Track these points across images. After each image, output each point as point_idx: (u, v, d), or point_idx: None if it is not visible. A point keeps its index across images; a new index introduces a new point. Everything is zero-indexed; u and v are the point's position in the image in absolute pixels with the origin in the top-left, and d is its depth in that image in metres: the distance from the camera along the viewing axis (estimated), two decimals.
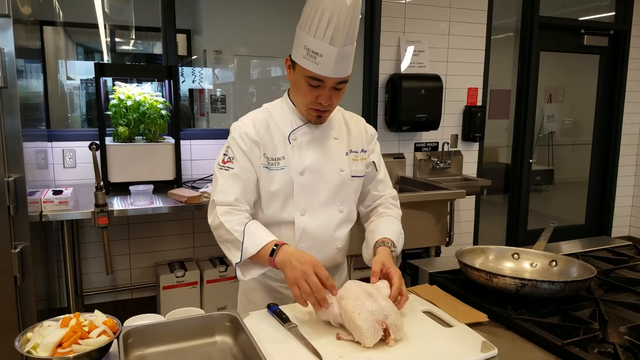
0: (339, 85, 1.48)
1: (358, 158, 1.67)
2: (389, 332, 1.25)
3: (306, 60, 1.42)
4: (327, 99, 1.48)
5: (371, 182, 1.74)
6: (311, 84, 1.46)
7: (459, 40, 4.23)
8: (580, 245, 2.20)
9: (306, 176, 1.57)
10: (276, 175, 1.55)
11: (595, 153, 5.36)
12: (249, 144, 1.54)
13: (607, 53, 5.13)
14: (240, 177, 1.53)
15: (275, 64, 5.67)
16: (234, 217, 1.49)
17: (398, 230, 1.66)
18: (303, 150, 1.58)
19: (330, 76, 1.42)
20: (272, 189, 1.56)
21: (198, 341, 1.25)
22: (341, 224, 1.65)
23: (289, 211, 1.57)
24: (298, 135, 1.58)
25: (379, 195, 1.76)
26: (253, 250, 1.42)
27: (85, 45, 5.56)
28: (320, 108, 1.51)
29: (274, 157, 1.56)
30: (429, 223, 3.40)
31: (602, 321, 1.40)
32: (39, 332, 1.13)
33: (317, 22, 1.37)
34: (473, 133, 4.35)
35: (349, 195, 1.66)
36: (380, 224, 1.67)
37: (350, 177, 1.64)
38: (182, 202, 2.82)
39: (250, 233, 1.45)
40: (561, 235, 2.23)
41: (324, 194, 1.60)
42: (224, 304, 3.39)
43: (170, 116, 3.22)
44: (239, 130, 1.57)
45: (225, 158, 1.56)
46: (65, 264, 2.80)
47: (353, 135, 1.68)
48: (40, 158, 2.86)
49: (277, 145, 1.57)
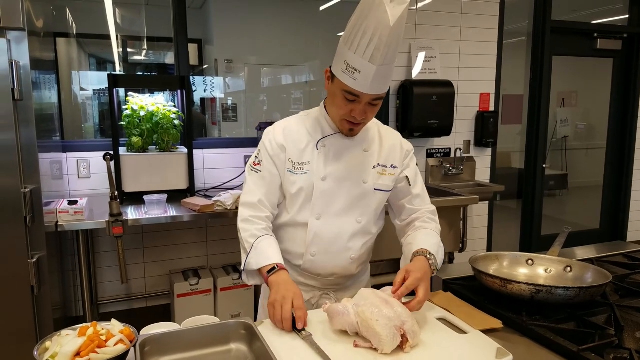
0: (375, 102, 1.50)
1: (386, 173, 1.67)
2: (407, 338, 1.25)
3: (345, 75, 1.44)
4: (362, 113, 1.50)
5: (405, 197, 1.73)
6: (347, 98, 1.48)
7: (470, 45, 4.23)
8: (595, 250, 2.18)
9: (327, 183, 1.60)
10: (299, 179, 1.61)
11: (610, 157, 5.30)
12: (276, 149, 1.62)
13: (620, 56, 5.09)
14: (266, 180, 1.63)
15: (286, 72, 5.71)
16: (250, 227, 1.59)
17: (437, 243, 1.64)
18: (329, 158, 1.62)
19: (366, 92, 1.44)
20: (293, 191, 1.61)
21: (213, 349, 1.26)
22: (357, 234, 1.66)
23: (305, 214, 1.62)
24: (327, 142, 1.63)
25: (415, 209, 1.74)
26: (255, 266, 1.54)
27: (97, 56, 5.64)
28: (354, 121, 1.54)
29: (300, 162, 1.62)
30: (442, 229, 3.33)
31: (618, 327, 1.39)
32: (57, 341, 1.15)
33: (360, 39, 1.39)
34: (486, 139, 4.33)
35: (369, 207, 1.67)
36: (417, 237, 1.65)
37: (372, 190, 1.65)
38: (195, 210, 2.84)
39: (256, 249, 1.55)
40: (576, 240, 2.21)
41: (342, 202, 1.62)
42: (237, 312, 3.40)
43: (183, 126, 3.25)
44: (269, 135, 1.65)
45: (256, 160, 1.66)
46: (81, 273, 2.83)
47: (385, 149, 1.69)
48: (55, 169, 2.90)
49: (305, 151, 1.62)
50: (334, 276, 1.68)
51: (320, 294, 1.72)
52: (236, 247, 3.68)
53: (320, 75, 5.49)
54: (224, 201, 2.90)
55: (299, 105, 5.69)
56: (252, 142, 3.66)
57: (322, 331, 1.37)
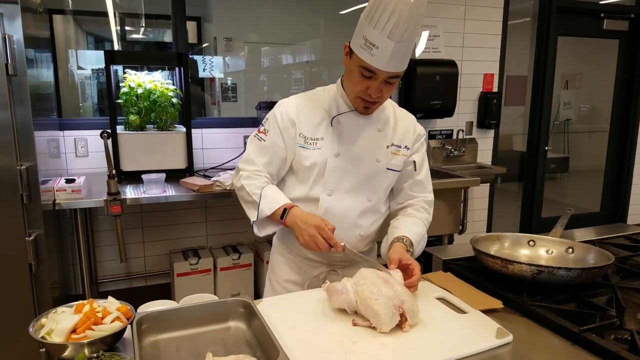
0: (391, 80, 1.49)
1: (399, 153, 1.67)
2: (406, 318, 1.25)
3: (363, 50, 1.43)
4: (377, 91, 1.49)
5: (408, 181, 1.73)
6: (364, 74, 1.47)
7: (475, 24, 4.16)
8: (597, 232, 2.17)
9: (340, 159, 1.61)
10: (312, 154, 1.61)
11: (612, 140, 5.26)
12: (286, 123, 1.62)
13: (626, 37, 5.01)
14: (268, 151, 1.63)
15: (286, 51, 5.64)
16: (254, 181, 1.61)
17: (421, 233, 1.65)
18: (343, 135, 1.61)
19: (383, 69, 1.43)
20: (306, 165, 1.61)
21: (211, 327, 1.25)
22: (366, 212, 1.67)
23: (317, 189, 1.62)
24: (342, 119, 1.62)
25: (413, 196, 1.74)
26: (268, 211, 1.56)
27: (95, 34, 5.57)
28: (369, 99, 1.53)
29: (313, 137, 1.61)
30: (442, 211, 3.37)
31: (619, 308, 1.38)
32: (53, 318, 1.14)
33: (379, 14, 1.37)
34: (488, 120, 4.28)
35: (380, 186, 1.68)
36: (403, 223, 1.67)
37: (385, 169, 1.66)
38: (194, 190, 2.82)
39: (266, 196, 1.57)
40: (576, 223, 2.19)
41: (355, 179, 1.63)
42: (237, 291, 3.41)
43: (182, 104, 3.22)
44: (281, 107, 1.65)
45: (262, 129, 1.66)
46: (80, 251, 2.82)
47: (399, 130, 1.69)
48: (52, 147, 2.87)
49: (319, 126, 1.62)
50: (341, 253, 1.68)
51: (328, 269, 1.72)
52: (236, 227, 3.70)
53: (322, 55, 5.43)
54: (223, 181, 2.88)
55: (300, 86, 5.63)
56: (251, 122, 3.63)
57: (321, 309, 1.36)
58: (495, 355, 1.17)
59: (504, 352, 1.19)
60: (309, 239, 1.46)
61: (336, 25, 5.27)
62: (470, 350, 1.16)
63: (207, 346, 1.16)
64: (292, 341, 1.17)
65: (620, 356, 1.11)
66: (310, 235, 1.46)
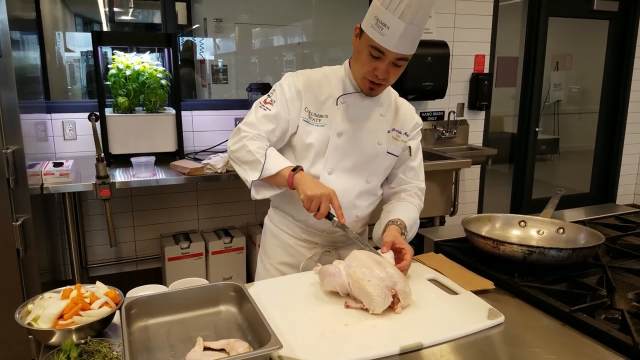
0: (399, 62, 1.49)
1: (399, 139, 1.70)
2: (398, 299, 1.25)
3: (373, 30, 1.44)
4: (384, 72, 1.50)
5: (402, 166, 1.75)
6: (372, 54, 1.47)
7: (466, 5, 4.12)
8: (587, 212, 2.18)
9: (343, 138, 1.61)
10: (315, 130, 1.60)
11: (602, 121, 5.27)
12: (294, 95, 1.61)
13: (617, 18, 5.00)
14: (272, 120, 1.60)
15: (278, 32, 5.56)
16: (257, 142, 1.56)
17: (414, 218, 1.67)
18: (347, 115, 1.61)
19: (392, 50, 1.44)
20: (308, 141, 1.61)
21: (202, 311, 1.24)
22: (364, 193, 1.68)
23: (318, 167, 1.62)
24: (347, 100, 1.62)
25: (407, 181, 1.76)
26: (273, 170, 1.51)
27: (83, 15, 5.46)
28: (376, 80, 1.53)
29: (318, 113, 1.61)
30: (434, 193, 3.37)
31: (610, 288, 1.39)
32: (40, 304, 1.12)
33: None
34: (480, 101, 4.27)
35: (379, 169, 1.69)
36: (397, 207, 1.68)
37: (385, 153, 1.67)
38: (184, 173, 2.79)
39: (271, 156, 1.53)
40: (566, 203, 2.20)
41: (355, 160, 1.63)
42: (229, 275, 3.40)
43: (171, 86, 3.17)
44: (290, 79, 1.63)
45: (268, 99, 1.62)
46: (69, 236, 2.80)
47: (400, 117, 1.71)
48: (40, 130, 2.83)
49: (325, 104, 1.62)
50: (337, 233, 1.68)
51: (323, 250, 1.72)
52: (228, 210, 3.69)
53: (313, 36, 5.37)
54: (214, 164, 2.86)
55: (292, 67, 5.57)
56: (242, 104, 3.59)
57: (313, 293, 1.36)
58: (487, 336, 1.17)
59: (496, 332, 1.19)
60: (315, 199, 1.42)
61: (328, 6, 5.20)
62: (462, 332, 1.17)
63: (197, 331, 1.15)
64: (284, 324, 1.17)
65: (610, 336, 1.11)
66: (318, 196, 1.42)
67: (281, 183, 1.53)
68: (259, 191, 1.57)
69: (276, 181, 1.54)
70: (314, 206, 1.43)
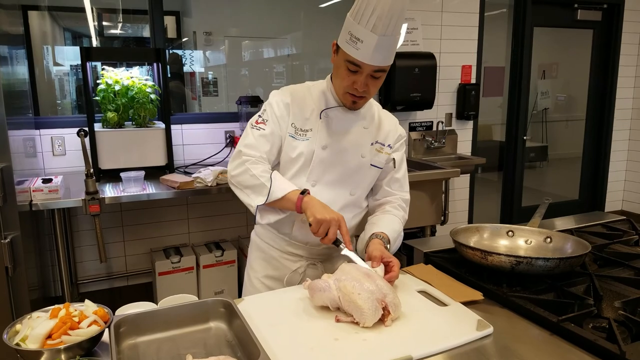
0: (377, 74, 1.52)
1: (382, 151, 1.71)
2: (389, 311, 1.25)
3: (348, 45, 1.47)
4: (363, 85, 1.52)
5: (386, 177, 1.76)
6: (350, 68, 1.50)
7: (452, 16, 4.17)
8: (575, 221, 2.20)
9: (327, 151, 1.62)
10: (300, 145, 1.62)
11: (589, 128, 5.34)
12: (283, 111, 1.63)
13: (600, 27, 5.08)
14: (269, 139, 1.61)
15: (267, 45, 5.59)
16: (260, 166, 1.57)
17: (397, 230, 1.68)
18: (331, 128, 1.63)
19: (368, 63, 1.46)
20: (293, 156, 1.62)
21: (192, 328, 1.24)
22: (348, 206, 1.69)
23: (300, 180, 1.62)
24: (330, 113, 1.64)
25: (391, 193, 1.77)
26: (279, 194, 1.51)
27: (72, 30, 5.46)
28: (356, 94, 1.55)
29: (303, 128, 1.63)
30: (424, 202, 3.39)
31: (597, 296, 1.40)
32: (28, 323, 1.11)
33: (364, 9, 1.42)
34: (467, 111, 4.31)
35: (363, 181, 1.70)
36: (381, 219, 1.69)
37: (369, 165, 1.69)
38: (174, 187, 2.79)
39: (276, 179, 1.54)
40: (555, 211, 2.22)
41: (339, 172, 1.65)
42: (221, 289, 3.39)
43: (160, 100, 3.18)
44: (278, 97, 1.65)
45: (259, 119, 1.64)
46: (58, 252, 2.77)
47: (383, 129, 1.73)
48: (29, 146, 2.82)
49: (309, 119, 1.63)
50: (321, 246, 1.68)
51: (307, 263, 1.73)
52: (219, 223, 3.68)
53: (303, 48, 5.40)
54: (204, 177, 2.86)
55: (282, 79, 5.59)
56: (233, 117, 3.60)
57: (302, 308, 1.36)
58: (476, 347, 1.18)
59: (485, 343, 1.20)
60: (324, 224, 1.43)
61: (317, 18, 5.24)
62: (451, 343, 1.17)
63: (187, 348, 1.15)
64: (274, 340, 1.17)
65: (598, 345, 1.12)
66: (327, 220, 1.43)
67: (287, 207, 1.53)
68: (264, 216, 1.56)
69: (282, 205, 1.53)
70: (322, 230, 1.44)
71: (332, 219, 1.43)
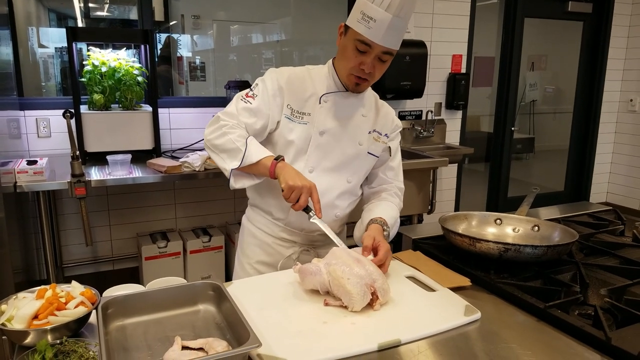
0: (384, 57, 1.51)
1: (380, 140, 1.71)
2: (377, 296, 1.25)
3: (359, 24, 1.46)
4: (370, 67, 1.51)
5: (382, 166, 1.77)
6: (359, 48, 1.49)
7: (444, 5, 4.16)
8: (561, 210, 2.23)
9: (325, 137, 1.61)
10: (297, 128, 1.61)
11: (576, 121, 5.39)
12: (276, 91, 1.60)
13: (590, 19, 5.11)
14: (253, 113, 1.59)
15: (256, 30, 5.54)
16: (237, 130, 1.55)
17: (395, 216, 1.69)
18: (330, 114, 1.62)
19: (378, 42, 1.45)
20: (290, 138, 1.61)
21: (180, 310, 1.23)
22: (345, 193, 1.69)
23: (299, 165, 1.61)
24: (330, 99, 1.62)
25: (387, 180, 1.78)
26: (254, 159, 1.50)
27: (57, 11, 5.34)
28: (362, 75, 1.54)
29: (300, 110, 1.61)
30: (412, 191, 3.40)
31: (583, 284, 1.42)
32: (14, 304, 1.10)
33: None
34: (457, 101, 4.32)
35: (360, 169, 1.70)
36: (378, 206, 1.69)
37: (366, 153, 1.69)
38: (161, 172, 2.76)
39: (252, 144, 1.53)
40: (541, 201, 2.24)
41: (336, 159, 1.64)
42: (208, 274, 3.38)
43: (148, 83, 3.13)
44: (273, 75, 1.63)
45: (250, 92, 1.62)
46: (43, 235, 2.74)
47: (380, 118, 1.73)
48: (13, 127, 2.77)
49: (307, 101, 1.62)
50: (316, 232, 1.68)
51: (301, 249, 1.73)
52: (206, 209, 3.65)
53: (292, 34, 5.35)
54: (191, 162, 2.83)
55: (270, 65, 5.55)
56: (221, 102, 3.56)
57: (292, 291, 1.36)
58: (464, 332, 1.19)
59: (473, 329, 1.21)
60: (296, 190, 1.43)
61: (306, 5, 5.20)
62: (439, 328, 1.18)
63: (175, 330, 1.14)
64: (263, 323, 1.16)
65: (584, 331, 1.14)
66: (299, 187, 1.43)
67: (262, 172, 1.52)
68: (238, 180, 1.56)
69: (256, 170, 1.53)
70: (294, 196, 1.44)
71: (304, 186, 1.44)
